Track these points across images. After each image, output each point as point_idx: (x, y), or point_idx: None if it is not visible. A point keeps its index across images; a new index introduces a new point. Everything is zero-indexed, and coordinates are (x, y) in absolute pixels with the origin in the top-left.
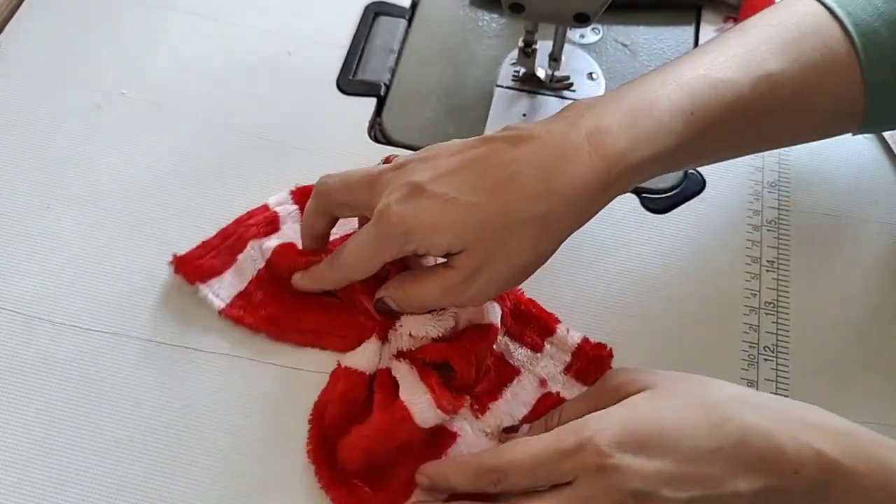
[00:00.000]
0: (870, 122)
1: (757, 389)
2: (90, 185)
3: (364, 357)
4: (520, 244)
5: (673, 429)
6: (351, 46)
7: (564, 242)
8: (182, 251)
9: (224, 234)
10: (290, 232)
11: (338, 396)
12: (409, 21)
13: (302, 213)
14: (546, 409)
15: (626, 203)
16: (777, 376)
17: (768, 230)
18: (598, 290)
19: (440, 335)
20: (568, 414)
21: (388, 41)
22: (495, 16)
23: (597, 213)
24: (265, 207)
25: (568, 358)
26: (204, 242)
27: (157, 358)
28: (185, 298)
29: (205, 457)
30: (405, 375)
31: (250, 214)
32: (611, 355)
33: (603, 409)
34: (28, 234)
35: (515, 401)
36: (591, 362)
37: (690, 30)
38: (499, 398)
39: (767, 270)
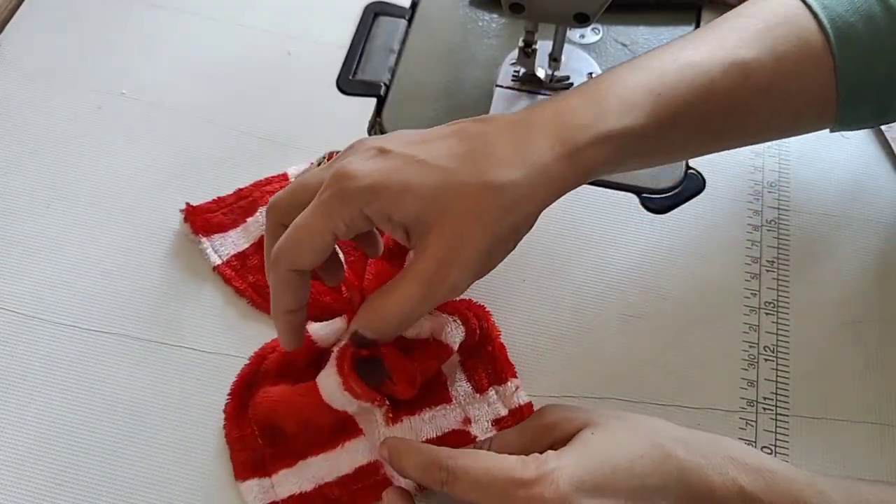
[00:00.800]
0: (844, 119)
1: (757, 390)
2: (90, 185)
3: (324, 330)
4: (496, 213)
5: (624, 468)
6: (351, 46)
7: (565, 242)
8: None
9: (240, 195)
10: None
11: (282, 350)
12: (409, 21)
13: None
14: (453, 444)
15: (627, 203)
16: (777, 376)
17: (768, 230)
18: (598, 289)
19: (405, 334)
20: (498, 445)
21: (388, 41)
22: (495, 16)
23: (570, 187)
24: (284, 176)
25: (504, 413)
26: (219, 198)
27: (156, 358)
28: (185, 298)
29: (204, 456)
30: (332, 357)
31: (268, 181)
32: None
33: (536, 443)
34: (28, 234)
35: (431, 424)
36: None
37: (690, 30)
38: (416, 414)
39: (767, 270)
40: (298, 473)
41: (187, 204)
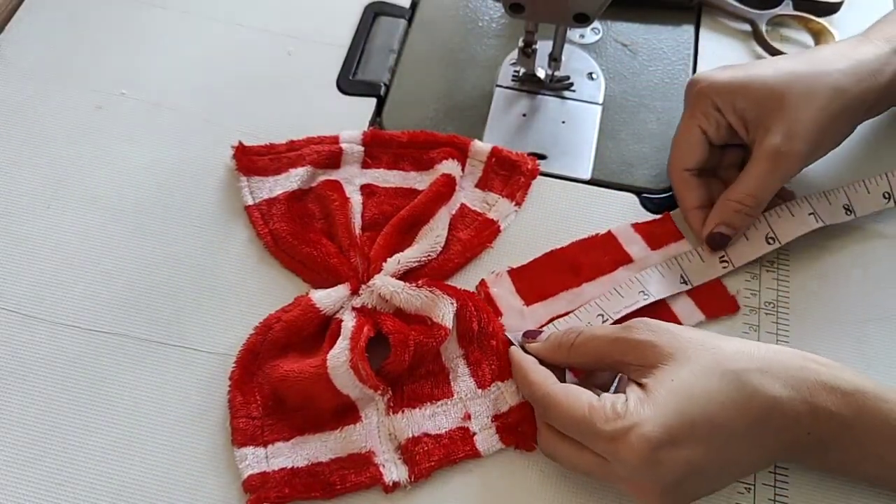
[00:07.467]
0: None
1: None
2: (90, 185)
3: (328, 298)
4: (827, 94)
5: (708, 415)
6: (351, 46)
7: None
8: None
9: (291, 146)
10: (346, 174)
11: (287, 319)
12: (409, 21)
13: (367, 156)
14: (455, 444)
15: (627, 203)
16: None
17: None
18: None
19: (402, 307)
20: (583, 343)
21: (388, 41)
22: (495, 16)
23: (886, 85)
24: (336, 139)
25: (505, 409)
26: (272, 145)
27: (157, 358)
28: (185, 298)
29: (204, 457)
30: (345, 331)
31: (322, 139)
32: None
33: (618, 355)
34: (28, 234)
35: (431, 420)
36: (521, 425)
37: (690, 30)
38: (417, 408)
39: (767, 270)
40: (293, 449)
41: (240, 142)
